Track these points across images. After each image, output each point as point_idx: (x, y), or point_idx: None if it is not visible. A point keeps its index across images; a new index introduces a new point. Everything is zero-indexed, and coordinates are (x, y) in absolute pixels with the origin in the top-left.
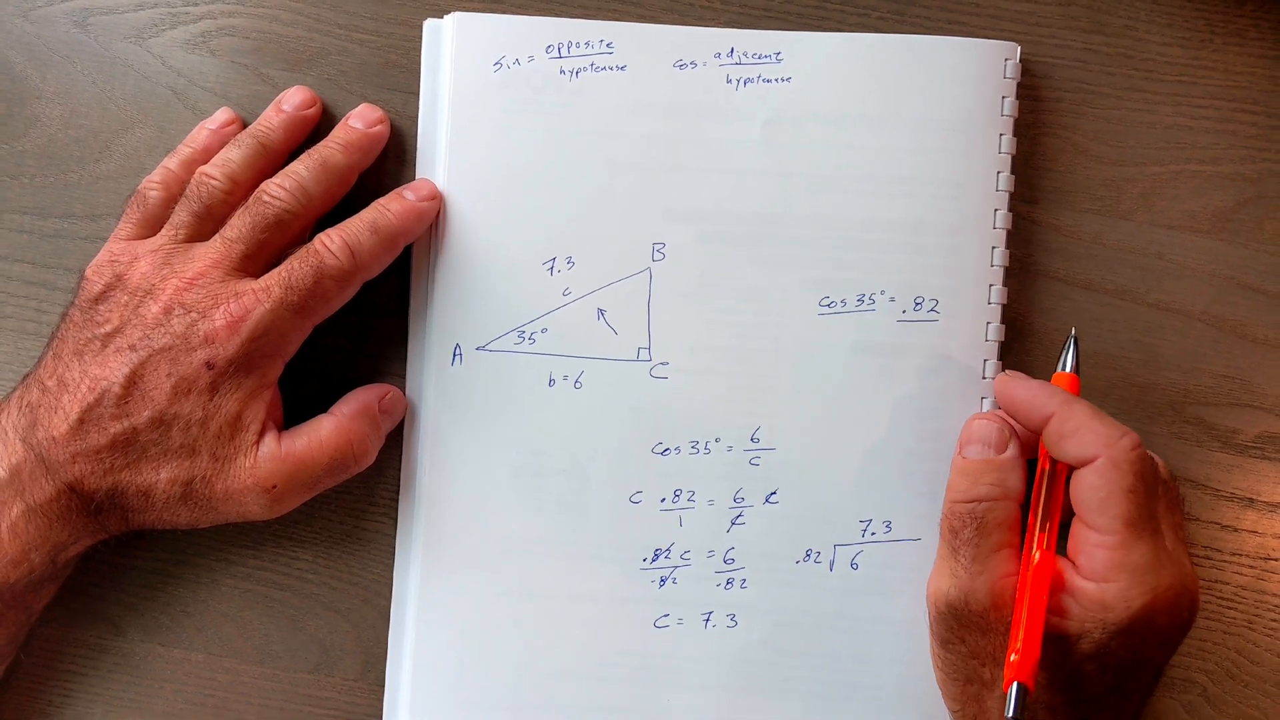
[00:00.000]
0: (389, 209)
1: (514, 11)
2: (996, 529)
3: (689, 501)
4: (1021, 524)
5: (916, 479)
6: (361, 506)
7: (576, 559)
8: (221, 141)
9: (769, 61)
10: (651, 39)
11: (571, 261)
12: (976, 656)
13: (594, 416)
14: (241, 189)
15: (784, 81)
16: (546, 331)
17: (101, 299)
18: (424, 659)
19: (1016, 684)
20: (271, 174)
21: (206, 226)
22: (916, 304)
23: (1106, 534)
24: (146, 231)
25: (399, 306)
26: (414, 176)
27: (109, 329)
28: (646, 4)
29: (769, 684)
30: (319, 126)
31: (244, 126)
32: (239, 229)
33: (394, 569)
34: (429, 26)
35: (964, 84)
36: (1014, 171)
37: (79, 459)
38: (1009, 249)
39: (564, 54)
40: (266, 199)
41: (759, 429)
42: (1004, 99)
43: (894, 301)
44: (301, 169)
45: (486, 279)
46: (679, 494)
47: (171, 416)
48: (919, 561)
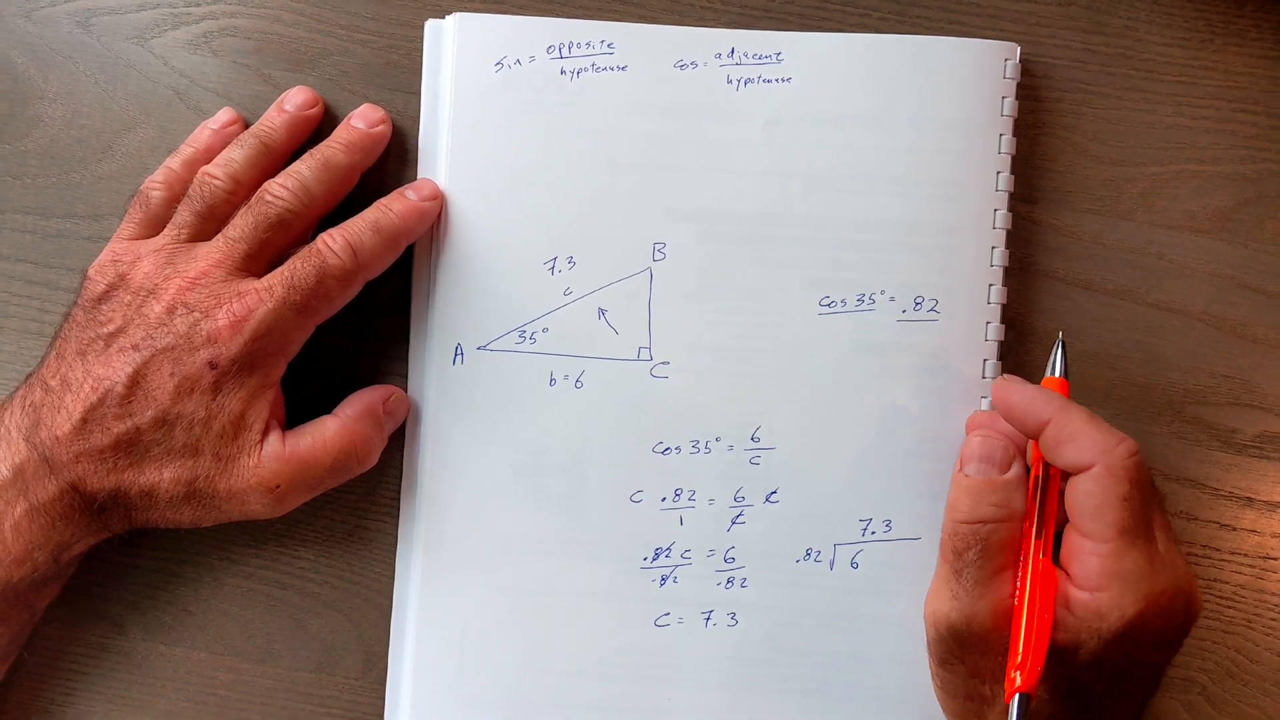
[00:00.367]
0: (391, 208)
1: (515, 12)
2: (1000, 550)
3: (689, 501)
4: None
5: (916, 478)
6: (363, 506)
7: (577, 558)
8: (224, 141)
9: (769, 62)
10: (652, 39)
11: (572, 261)
12: (976, 675)
13: (595, 416)
14: (244, 189)
15: (784, 82)
16: (547, 331)
17: (104, 299)
18: (425, 658)
19: (1019, 695)
20: (274, 174)
21: (209, 226)
22: (916, 304)
23: (1100, 541)
24: (149, 231)
25: (401, 306)
26: (416, 176)
27: (112, 329)
28: (647, 4)
29: (769, 683)
30: (321, 127)
31: (246, 127)
32: (241, 229)
33: (395, 568)
34: (430, 27)
35: (964, 84)
36: (1014, 171)
37: (82, 458)
38: (1009, 249)
39: (565, 54)
40: (269, 199)
41: (759, 428)
42: (1004, 99)
43: (894, 301)
44: (304, 169)
45: (488, 278)
46: (679, 493)
47: (174, 416)
48: (919, 560)
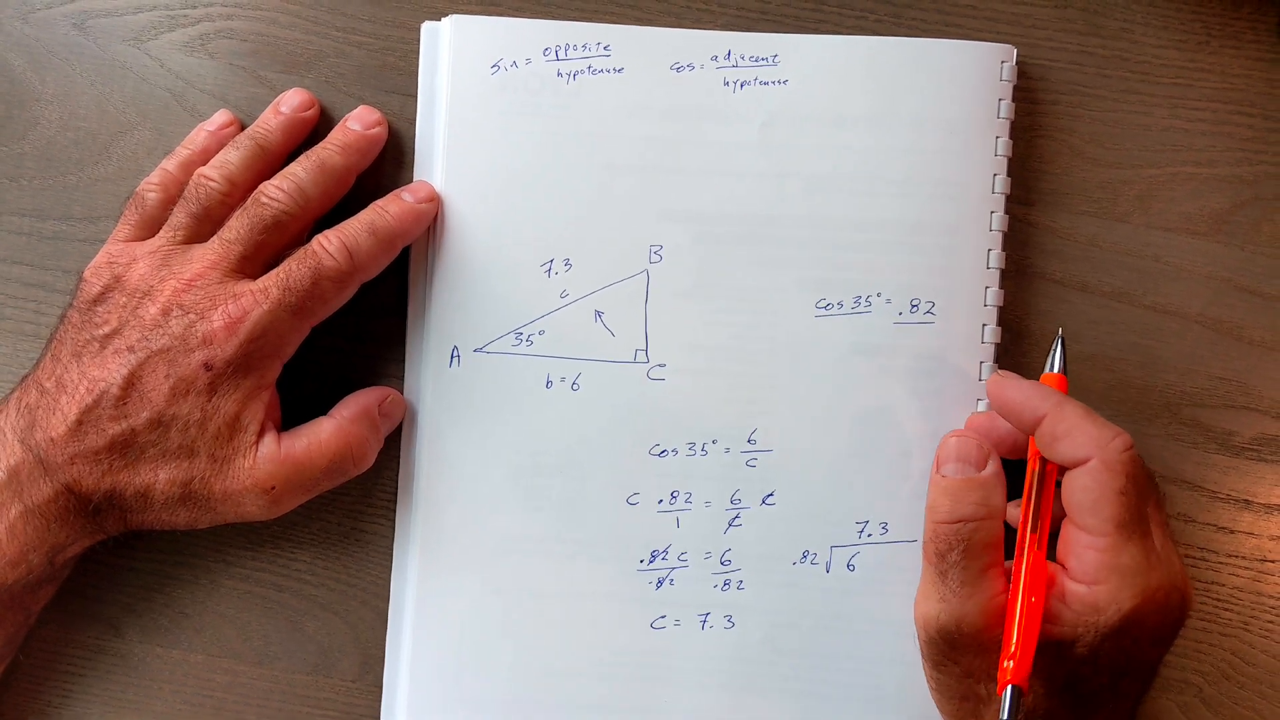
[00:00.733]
0: (387, 210)
1: (511, 14)
2: (984, 549)
3: (686, 503)
4: (1006, 539)
5: (913, 480)
6: (359, 508)
7: (574, 560)
8: (220, 143)
9: (766, 64)
10: (648, 42)
11: (569, 263)
12: (971, 675)
13: (591, 418)
14: (240, 190)
15: (781, 84)
16: (544, 333)
17: (100, 300)
18: (422, 659)
19: (1011, 687)
20: (269, 176)
21: (205, 228)
22: (913, 306)
23: (1097, 535)
24: (145, 233)
25: (397, 308)
26: (412, 178)
27: (107, 330)
28: (643, 7)
29: (768, 683)
30: (317, 128)
31: (242, 128)
32: (237, 230)
33: (392, 570)
34: (427, 29)
35: (960, 86)
36: (1010, 173)
37: (77, 460)
38: (1005, 251)
39: (561, 56)
40: (264, 200)
41: (756, 431)
42: (1000, 101)
43: (890, 303)
44: (299, 170)
45: (484, 281)
46: (676, 495)
47: (170, 417)
48: (915, 562)
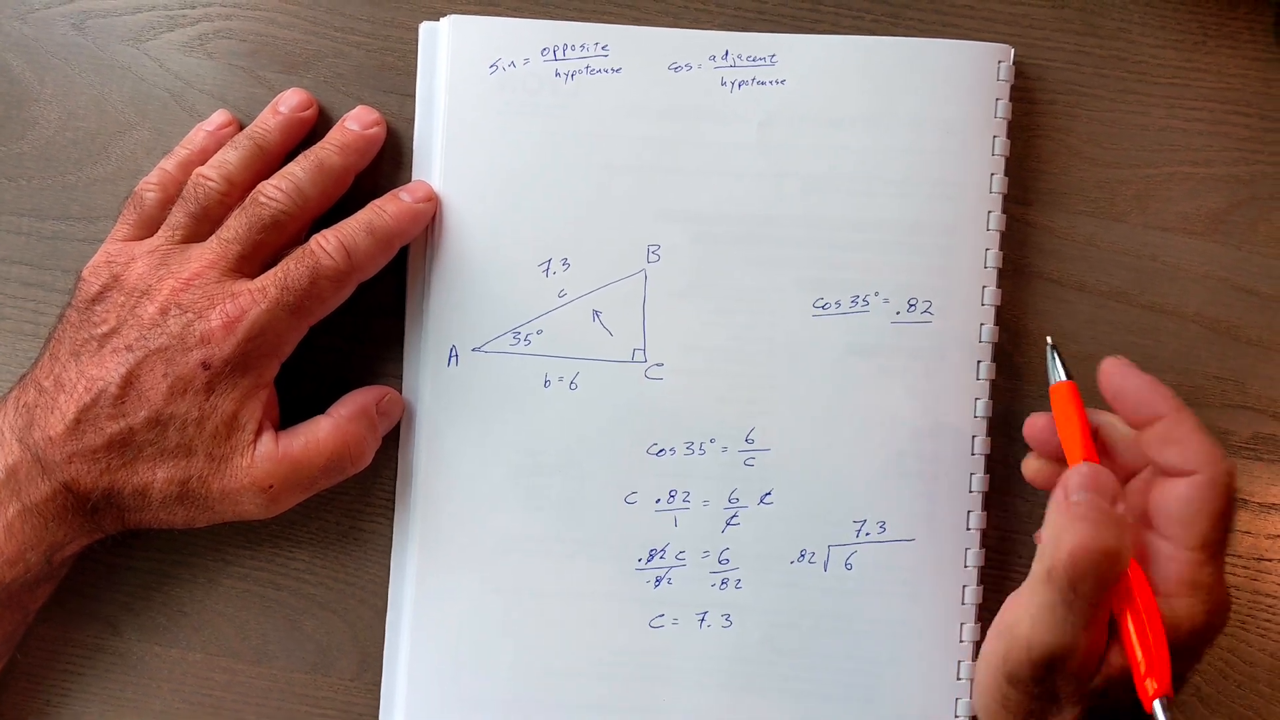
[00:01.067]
0: (385, 210)
1: (509, 14)
2: (1114, 585)
3: (684, 502)
4: None
5: (910, 480)
6: (358, 507)
7: (572, 559)
8: (218, 143)
9: (763, 64)
10: (646, 41)
11: (567, 263)
12: (1048, 696)
13: (589, 417)
14: (238, 190)
15: (778, 84)
16: (542, 333)
17: (98, 300)
18: (420, 658)
19: (1159, 700)
20: (268, 175)
21: (203, 228)
22: (910, 305)
23: (1184, 549)
24: (143, 233)
25: (395, 307)
26: (410, 178)
27: (105, 329)
28: (641, 7)
29: (766, 683)
30: (315, 128)
31: (241, 129)
32: (235, 230)
33: (390, 569)
34: (425, 29)
35: (958, 86)
36: (1008, 173)
37: (75, 459)
38: (1003, 251)
39: (559, 56)
40: (263, 200)
41: (753, 430)
42: (998, 101)
43: (888, 303)
44: (298, 170)
45: (482, 280)
46: (674, 495)
47: (168, 416)
48: (913, 561)
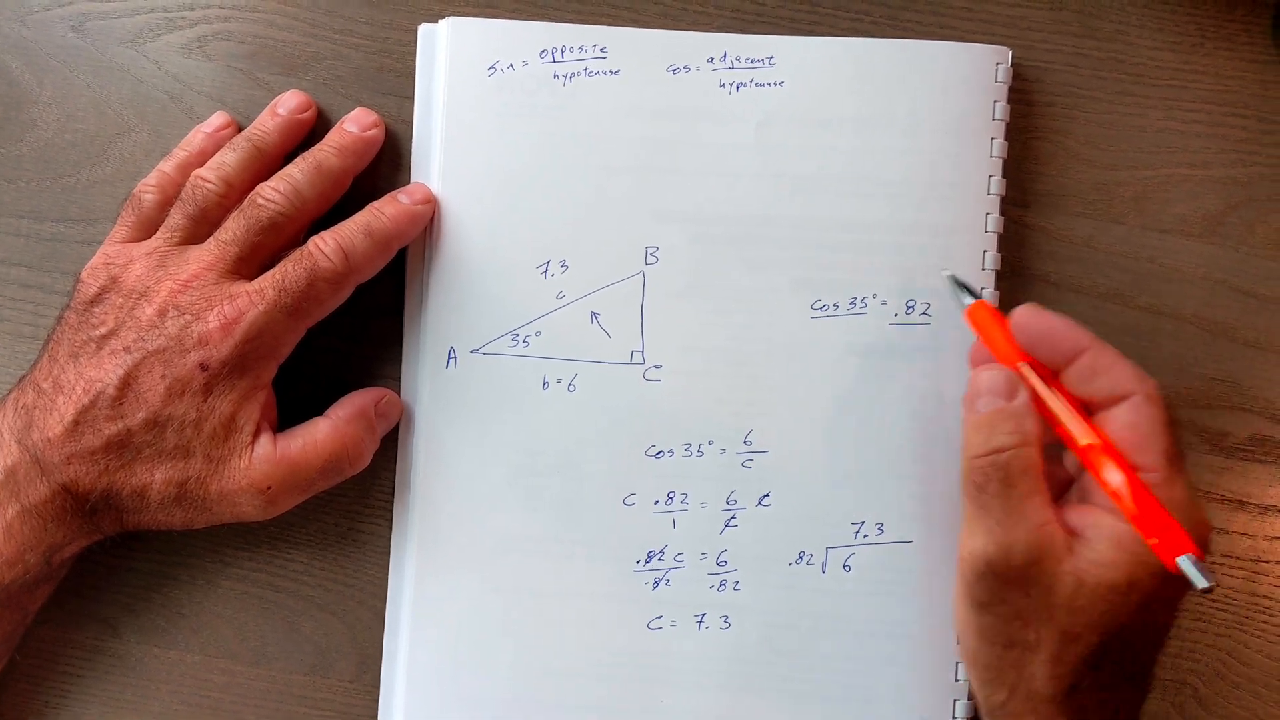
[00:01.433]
0: (383, 212)
1: (508, 16)
2: (1022, 476)
3: (682, 504)
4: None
5: (908, 481)
6: (356, 508)
7: (570, 561)
8: (217, 145)
9: (761, 66)
10: (644, 43)
11: (565, 265)
12: (1019, 617)
13: (587, 419)
14: (236, 192)
15: (777, 85)
16: (540, 334)
17: (97, 301)
18: (419, 660)
19: (1184, 558)
20: (266, 177)
21: (201, 229)
22: (908, 307)
23: (1149, 471)
24: (142, 234)
25: (394, 309)
26: (409, 180)
27: (104, 331)
28: (639, 8)
29: (764, 685)
30: (314, 130)
31: (239, 130)
32: (233, 231)
33: (389, 570)
34: (424, 31)
35: (956, 88)
36: (1005, 175)
37: (74, 460)
38: (1000, 252)
39: (558, 58)
40: (261, 202)
41: (751, 432)
42: (995, 103)
43: (886, 304)
44: (296, 172)
45: (481, 282)
46: (672, 496)
47: (166, 418)
48: (911, 563)
